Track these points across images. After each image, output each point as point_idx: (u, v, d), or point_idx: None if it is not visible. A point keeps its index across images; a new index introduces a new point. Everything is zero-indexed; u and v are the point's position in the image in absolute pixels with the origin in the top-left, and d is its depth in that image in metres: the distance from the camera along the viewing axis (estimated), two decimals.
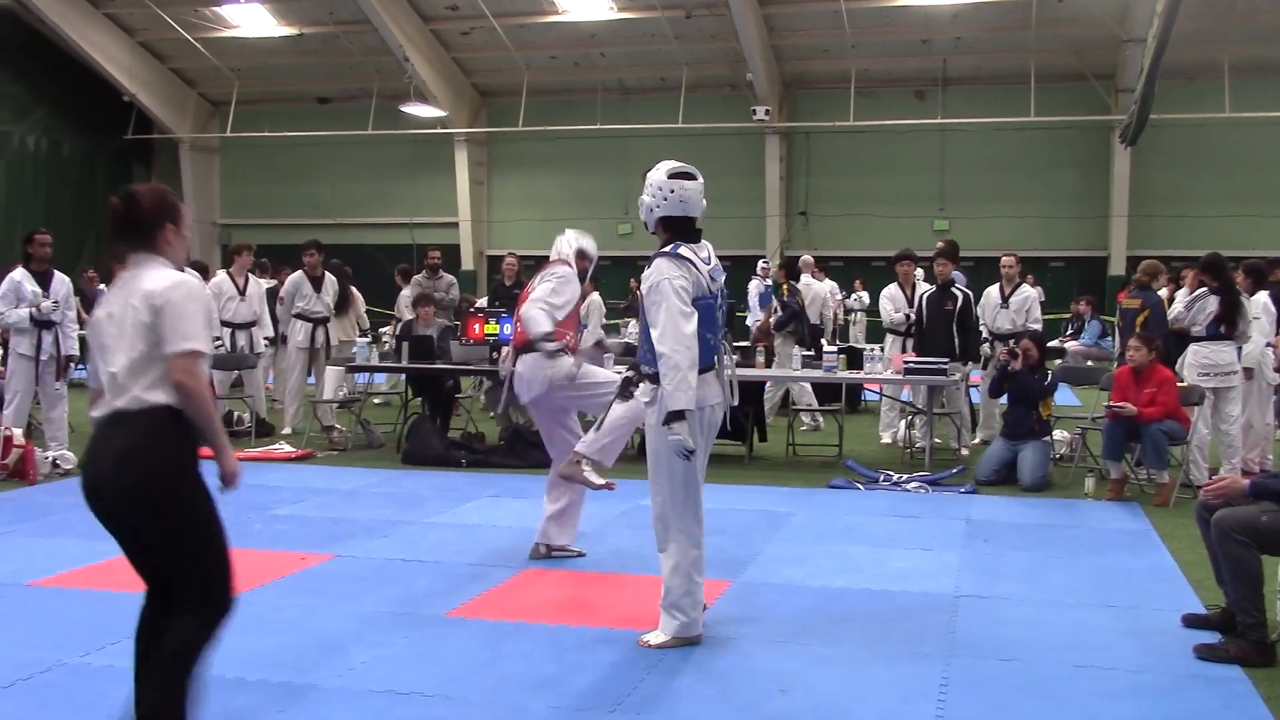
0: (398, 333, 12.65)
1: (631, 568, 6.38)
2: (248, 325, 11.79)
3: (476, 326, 10.49)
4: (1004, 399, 9.72)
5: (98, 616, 5.36)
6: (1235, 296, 9.10)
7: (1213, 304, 9.02)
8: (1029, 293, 11.06)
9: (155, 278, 3.55)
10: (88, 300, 15.12)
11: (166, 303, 3.49)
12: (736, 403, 5.24)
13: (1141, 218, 23.43)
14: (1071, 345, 16.95)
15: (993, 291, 11.14)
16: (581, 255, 6.73)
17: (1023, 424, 9.23)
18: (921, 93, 24.62)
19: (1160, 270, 11.06)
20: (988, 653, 4.95)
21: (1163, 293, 10.99)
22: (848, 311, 22.57)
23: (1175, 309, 9.63)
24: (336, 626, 5.27)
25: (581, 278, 6.72)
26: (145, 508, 3.48)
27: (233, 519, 7.95)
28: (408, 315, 13.42)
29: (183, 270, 3.70)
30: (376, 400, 13.60)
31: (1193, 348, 9.18)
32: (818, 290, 13.49)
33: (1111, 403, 8.58)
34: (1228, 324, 8.97)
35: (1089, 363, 14.28)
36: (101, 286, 18.56)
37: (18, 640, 5.05)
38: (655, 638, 5.01)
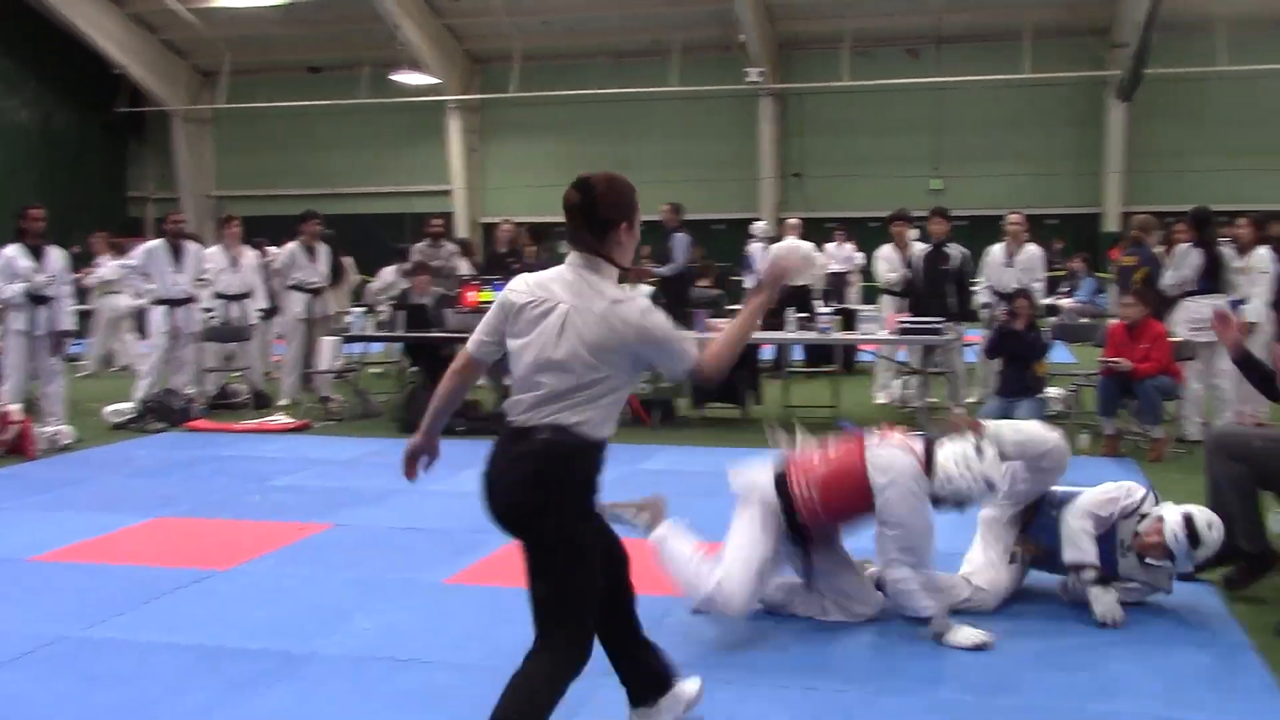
0: (395, 301, 12.65)
1: (626, 531, 6.41)
2: (240, 297, 11.79)
3: (469, 294, 10.51)
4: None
5: (100, 590, 5.40)
6: (1216, 249, 9.13)
7: (1195, 256, 9.04)
8: (1035, 251, 10.98)
9: (616, 293, 3.28)
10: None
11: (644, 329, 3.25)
12: None
13: (1139, 173, 23.34)
14: (1066, 302, 16.92)
15: (995, 249, 11.01)
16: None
17: (1018, 382, 9.24)
18: (916, 51, 24.44)
19: (1154, 225, 11.03)
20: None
21: (1158, 250, 10.97)
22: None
23: (1166, 276, 9.56)
24: (336, 595, 5.32)
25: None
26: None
27: (230, 490, 8.01)
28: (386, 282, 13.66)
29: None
30: (374, 370, 13.60)
31: (1183, 303, 9.19)
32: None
33: (1106, 359, 8.60)
34: (1211, 277, 9.00)
35: (1083, 320, 14.28)
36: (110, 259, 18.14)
37: (20, 615, 5.09)
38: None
